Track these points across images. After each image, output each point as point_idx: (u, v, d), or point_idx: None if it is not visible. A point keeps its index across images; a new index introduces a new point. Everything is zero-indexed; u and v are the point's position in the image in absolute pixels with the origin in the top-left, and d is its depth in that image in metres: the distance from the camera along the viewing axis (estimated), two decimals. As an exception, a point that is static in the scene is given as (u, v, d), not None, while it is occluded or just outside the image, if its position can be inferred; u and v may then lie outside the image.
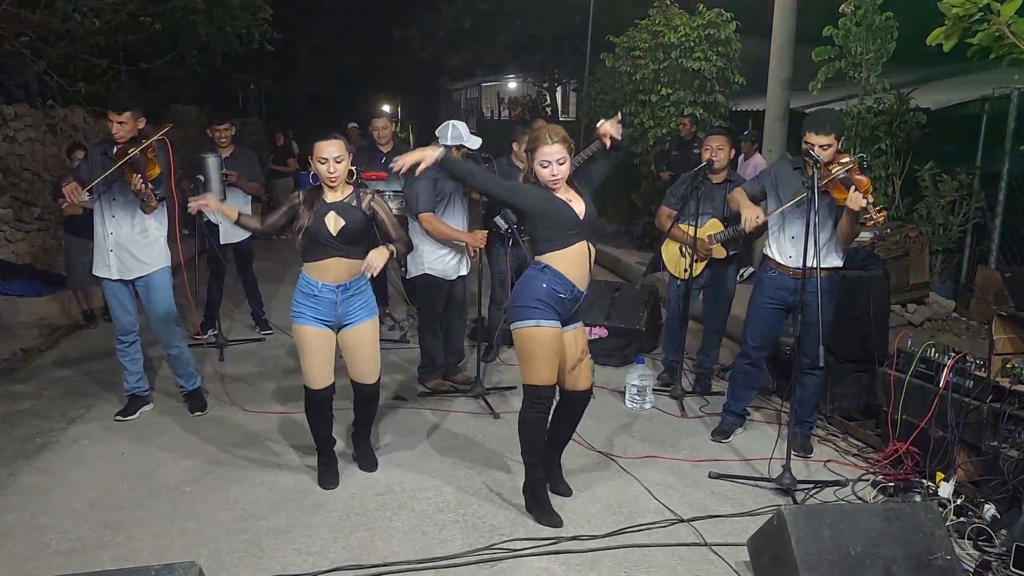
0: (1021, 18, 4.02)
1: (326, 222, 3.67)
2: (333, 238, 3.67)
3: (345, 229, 3.68)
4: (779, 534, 3.00)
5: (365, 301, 3.84)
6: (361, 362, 3.89)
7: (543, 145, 3.46)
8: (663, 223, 5.23)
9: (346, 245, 3.70)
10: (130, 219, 4.58)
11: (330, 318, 3.75)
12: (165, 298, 4.70)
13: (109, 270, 4.61)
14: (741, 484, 4.02)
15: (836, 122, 4.10)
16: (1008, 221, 6.50)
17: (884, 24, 7.03)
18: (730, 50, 9.79)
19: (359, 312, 3.81)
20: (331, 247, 3.69)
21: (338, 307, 3.74)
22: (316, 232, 3.66)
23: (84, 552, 3.35)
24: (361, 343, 3.85)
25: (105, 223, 4.59)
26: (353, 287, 3.77)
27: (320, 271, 3.71)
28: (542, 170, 3.48)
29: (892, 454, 4.15)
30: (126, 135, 4.44)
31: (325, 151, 3.65)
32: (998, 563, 3.27)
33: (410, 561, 3.28)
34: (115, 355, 4.79)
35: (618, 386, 5.36)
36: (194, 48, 10.76)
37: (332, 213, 3.68)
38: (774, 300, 4.34)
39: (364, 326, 3.83)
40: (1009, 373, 3.66)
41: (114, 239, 4.58)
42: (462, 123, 5.11)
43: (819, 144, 3.97)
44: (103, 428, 4.65)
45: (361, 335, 3.84)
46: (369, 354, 3.89)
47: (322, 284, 3.71)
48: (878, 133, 7.05)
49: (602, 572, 3.24)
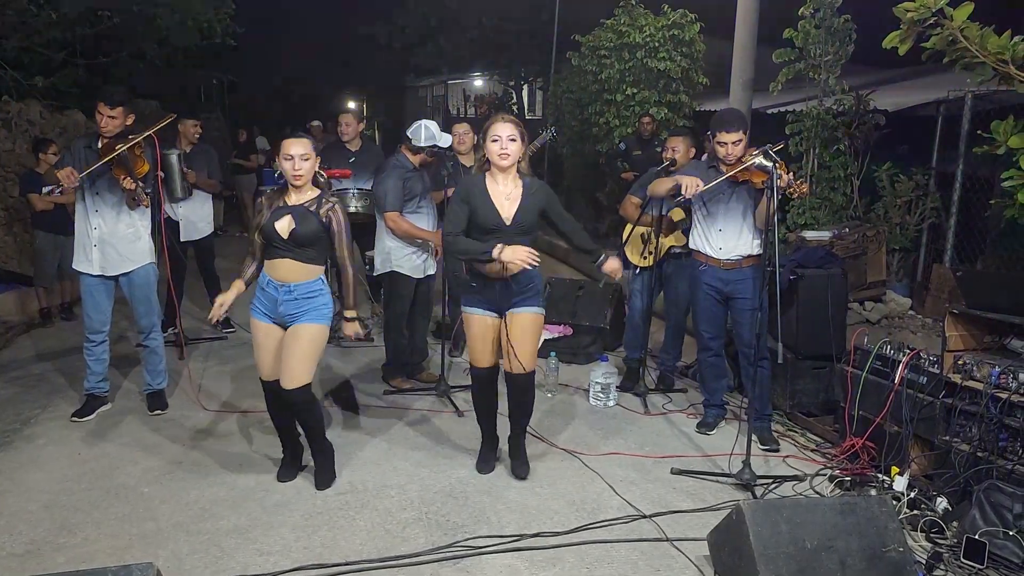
0: (973, 23, 4.11)
1: (277, 225, 3.64)
2: (284, 240, 3.65)
3: (295, 233, 3.63)
4: (738, 528, 3.05)
5: (314, 307, 3.71)
6: (288, 364, 3.66)
7: (496, 123, 3.68)
8: (630, 212, 5.30)
9: (297, 248, 3.67)
10: (115, 214, 4.53)
11: (272, 314, 3.74)
12: (148, 295, 4.69)
13: (91, 265, 4.54)
14: (702, 480, 4.07)
15: (741, 119, 4.44)
16: (962, 221, 6.65)
17: (843, 26, 7.15)
18: (694, 51, 9.89)
19: (302, 316, 3.70)
20: (282, 248, 3.67)
21: (279, 306, 3.70)
22: (269, 233, 3.65)
23: (39, 555, 3.28)
24: (291, 342, 3.68)
25: (89, 218, 4.52)
26: (297, 291, 3.69)
27: (271, 268, 3.73)
28: (492, 144, 3.67)
29: (849, 449, 4.24)
30: (114, 130, 4.40)
31: (291, 149, 3.64)
32: (949, 555, 3.35)
33: (372, 560, 3.27)
34: (81, 353, 4.71)
35: (582, 384, 5.39)
36: (154, 42, 10.57)
37: (288, 216, 3.65)
38: (711, 290, 4.51)
39: (301, 326, 3.69)
40: (961, 369, 3.75)
41: (98, 234, 4.52)
42: (432, 122, 5.12)
43: (731, 141, 4.26)
44: (59, 428, 4.56)
45: (294, 334, 3.69)
46: (295, 355, 3.66)
47: (269, 279, 3.73)
48: (837, 134, 7.17)
49: (564, 568, 3.26)
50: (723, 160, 4.31)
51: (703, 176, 4.35)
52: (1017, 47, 4.05)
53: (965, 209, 6.65)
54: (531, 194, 3.76)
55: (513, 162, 3.71)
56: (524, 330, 3.83)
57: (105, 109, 4.39)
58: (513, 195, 3.73)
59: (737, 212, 4.37)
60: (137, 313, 4.78)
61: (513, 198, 3.73)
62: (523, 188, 3.76)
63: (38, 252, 6.75)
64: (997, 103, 5.85)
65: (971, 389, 3.69)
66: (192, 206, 6.30)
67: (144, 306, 4.73)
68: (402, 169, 5.02)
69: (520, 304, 3.81)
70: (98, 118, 4.42)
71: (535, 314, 3.85)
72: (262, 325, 3.77)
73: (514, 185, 3.76)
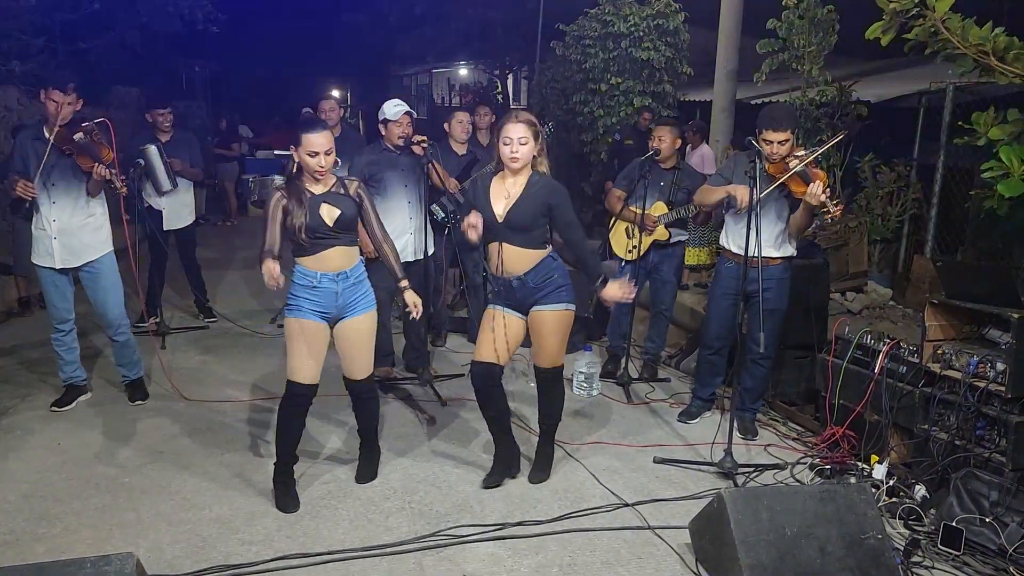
0: (955, 14, 4.14)
1: (322, 214, 3.49)
2: (330, 229, 3.50)
3: (342, 217, 3.52)
4: (719, 516, 3.07)
5: (366, 291, 3.67)
6: (358, 356, 3.69)
7: (508, 123, 3.59)
8: (613, 204, 5.31)
9: (343, 233, 3.55)
10: (72, 204, 4.39)
11: (330, 310, 3.57)
12: (115, 284, 4.57)
13: (52, 259, 4.40)
14: (684, 468, 4.10)
15: (790, 117, 4.20)
16: (943, 212, 6.70)
17: (826, 17, 7.16)
18: (679, 40, 9.88)
19: (360, 303, 3.62)
20: (329, 238, 3.52)
21: (339, 297, 3.56)
22: (316, 227, 3.47)
23: (17, 545, 3.26)
24: (359, 336, 3.66)
25: (44, 210, 4.36)
26: (353, 275, 3.60)
27: (321, 261, 3.53)
28: (503, 147, 3.59)
29: (829, 438, 4.27)
30: (67, 116, 4.22)
31: (316, 144, 3.45)
32: (927, 541, 3.40)
33: (356, 549, 3.27)
34: (50, 344, 4.64)
35: (566, 373, 5.37)
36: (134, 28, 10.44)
37: (325, 204, 3.51)
38: (730, 290, 4.41)
39: (364, 318, 3.65)
40: (940, 359, 3.79)
41: (57, 226, 4.37)
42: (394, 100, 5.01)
43: (778, 140, 4.06)
44: (39, 419, 4.52)
45: (361, 326, 3.66)
46: (367, 348, 3.71)
47: (321, 274, 3.53)
48: (820, 125, 7.20)
49: (547, 556, 3.27)
50: (767, 158, 4.10)
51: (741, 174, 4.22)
52: (998, 39, 4.08)
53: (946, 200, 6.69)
54: (531, 192, 3.61)
55: (523, 164, 3.59)
56: (543, 328, 3.73)
57: (59, 96, 4.17)
58: (512, 193, 3.62)
59: (771, 213, 4.23)
60: (105, 305, 4.57)
61: (512, 196, 3.62)
62: (525, 186, 3.63)
63: (17, 240, 6.67)
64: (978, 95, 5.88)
65: (949, 378, 3.73)
66: (174, 195, 6.23)
67: (113, 295, 4.55)
68: (371, 151, 4.98)
69: (543, 302, 3.69)
70: (51, 106, 4.18)
71: (557, 311, 3.70)
72: (313, 325, 3.55)
73: (518, 183, 3.64)
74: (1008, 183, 4.15)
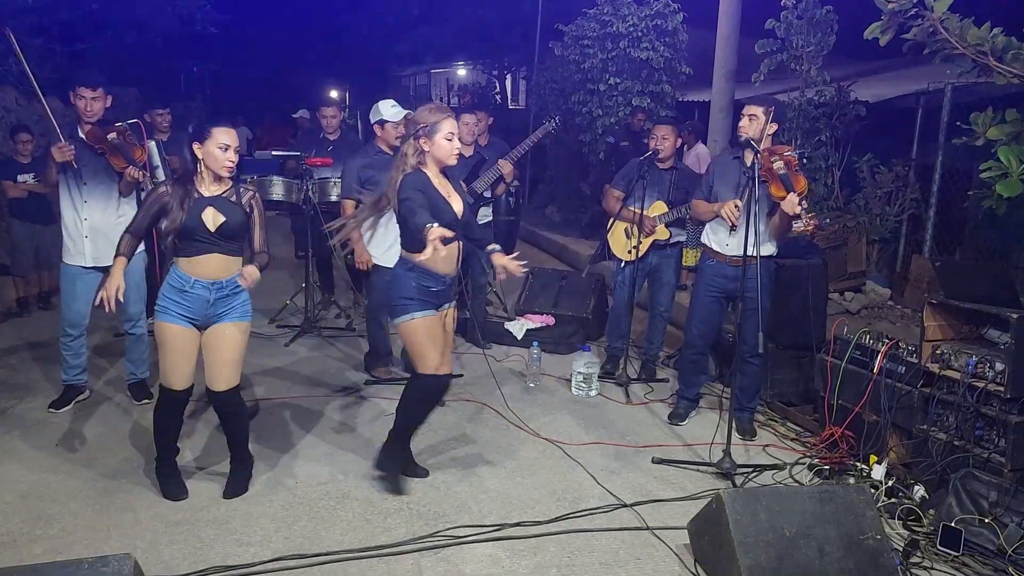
0: (954, 14, 4.14)
1: (203, 218, 3.39)
2: (211, 234, 3.40)
3: (226, 225, 3.42)
4: (717, 517, 3.07)
5: (242, 302, 3.56)
6: (222, 365, 3.51)
7: (449, 118, 3.52)
8: (611, 205, 5.31)
9: (224, 241, 3.45)
10: (104, 203, 4.44)
11: (199, 317, 3.47)
12: (140, 281, 4.60)
13: (84, 258, 4.43)
14: (683, 469, 4.09)
15: (768, 100, 4.25)
16: (941, 212, 6.71)
17: (825, 17, 7.17)
18: (677, 40, 9.89)
19: (233, 311, 3.52)
20: (207, 243, 3.42)
21: (211, 305, 3.46)
22: (192, 229, 3.37)
23: (14, 546, 3.25)
24: (224, 343, 3.51)
25: (77, 209, 4.41)
26: (228, 286, 3.48)
27: (195, 265, 3.43)
28: (446, 143, 3.51)
29: (828, 438, 4.27)
30: (98, 113, 4.31)
31: (228, 137, 3.40)
32: (926, 542, 3.39)
33: (353, 550, 3.26)
34: (58, 345, 4.61)
35: (564, 374, 5.40)
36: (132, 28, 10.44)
37: (210, 208, 3.41)
38: (714, 289, 4.42)
39: (232, 326, 3.52)
40: (938, 359, 3.79)
41: (89, 225, 4.41)
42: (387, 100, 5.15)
43: (748, 114, 4.13)
44: (36, 419, 4.50)
45: (224, 333, 3.51)
46: (232, 358, 3.53)
47: (195, 280, 3.42)
48: (818, 125, 7.21)
49: (546, 557, 3.27)
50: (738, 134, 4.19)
51: (725, 168, 4.32)
52: (996, 39, 4.08)
53: (944, 200, 6.71)
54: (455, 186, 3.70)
55: None
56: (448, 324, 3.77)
57: (87, 92, 4.28)
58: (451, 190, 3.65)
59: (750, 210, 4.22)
60: (127, 300, 4.61)
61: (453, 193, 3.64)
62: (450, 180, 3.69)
63: (14, 241, 6.66)
64: (976, 95, 5.89)
65: (948, 379, 3.72)
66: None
67: (135, 292, 4.55)
68: (365, 155, 5.03)
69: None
70: (80, 103, 4.30)
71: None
72: (181, 330, 3.44)
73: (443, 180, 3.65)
74: (1006, 183, 4.16)
